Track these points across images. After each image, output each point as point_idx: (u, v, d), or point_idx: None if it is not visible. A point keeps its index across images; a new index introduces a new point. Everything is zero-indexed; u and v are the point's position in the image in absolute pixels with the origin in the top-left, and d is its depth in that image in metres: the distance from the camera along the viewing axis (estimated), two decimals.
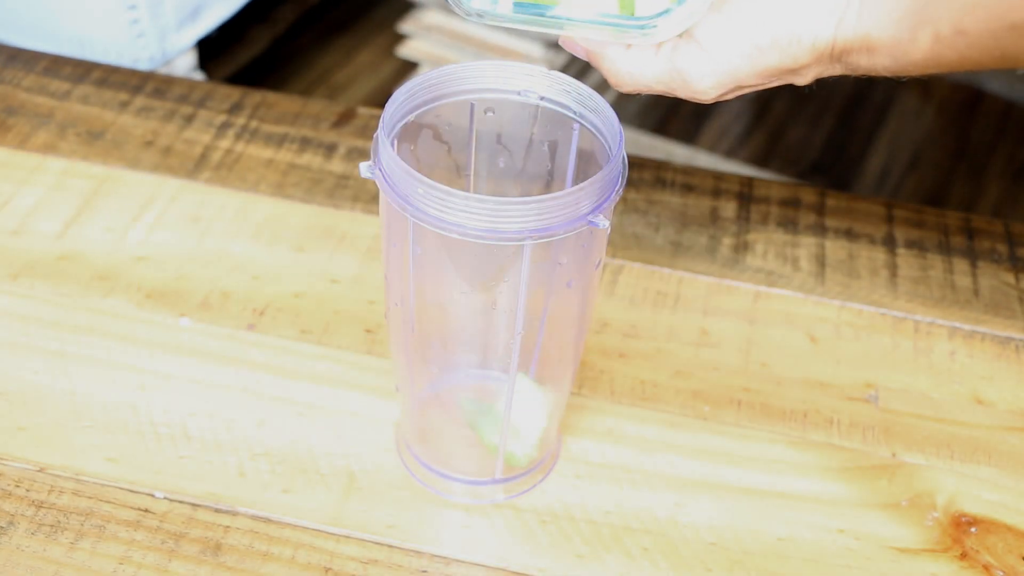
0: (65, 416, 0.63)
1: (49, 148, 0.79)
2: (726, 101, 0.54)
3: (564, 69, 1.36)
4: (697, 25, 0.52)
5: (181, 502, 0.60)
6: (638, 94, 0.54)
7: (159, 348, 0.67)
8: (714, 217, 0.78)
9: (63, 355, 0.66)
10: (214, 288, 0.71)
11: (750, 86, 0.54)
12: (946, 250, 0.77)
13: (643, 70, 0.53)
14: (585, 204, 0.50)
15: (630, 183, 0.80)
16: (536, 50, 1.40)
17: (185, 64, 1.10)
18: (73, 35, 1.02)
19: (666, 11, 0.52)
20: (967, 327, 0.72)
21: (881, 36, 0.50)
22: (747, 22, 0.52)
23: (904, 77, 0.52)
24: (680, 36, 0.53)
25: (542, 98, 0.55)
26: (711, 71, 0.52)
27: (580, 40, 0.54)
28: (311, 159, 0.80)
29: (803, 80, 0.54)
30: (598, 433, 0.64)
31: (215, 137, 0.81)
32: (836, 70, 0.53)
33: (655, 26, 0.52)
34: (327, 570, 0.57)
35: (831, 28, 0.51)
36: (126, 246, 0.73)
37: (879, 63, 0.51)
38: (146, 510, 0.59)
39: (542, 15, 0.53)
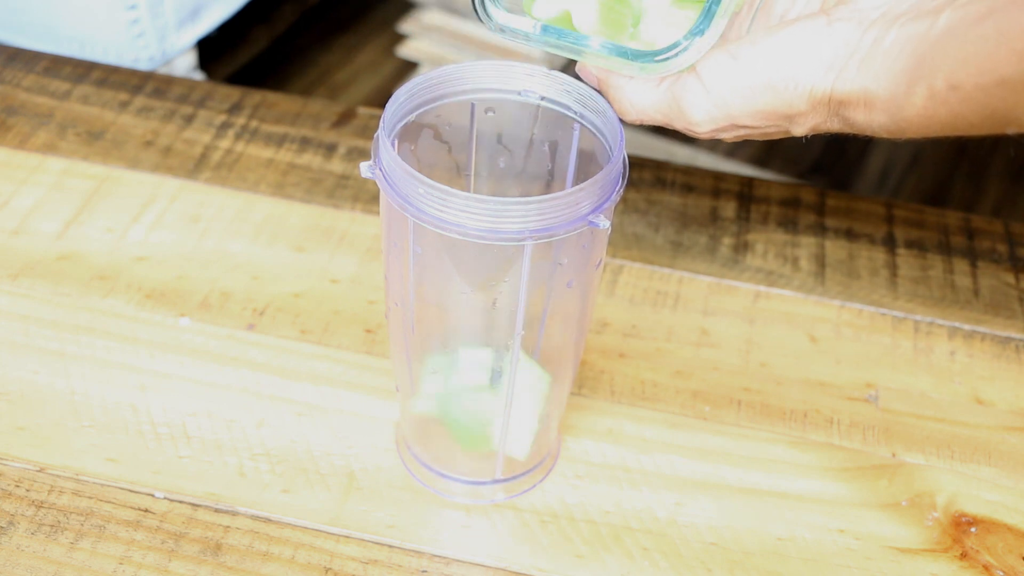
0: (65, 416, 0.63)
1: (49, 148, 0.79)
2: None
3: (564, 70, 1.36)
4: (700, 59, 0.53)
5: (181, 502, 0.60)
6: (641, 124, 0.55)
7: (159, 348, 0.67)
8: (714, 217, 0.78)
9: (63, 355, 0.66)
10: (214, 288, 0.71)
11: (745, 127, 0.54)
12: (946, 250, 0.77)
13: (643, 98, 0.55)
14: (585, 204, 0.50)
15: (630, 183, 0.80)
16: (537, 50, 1.40)
17: (185, 64, 1.10)
18: (73, 35, 1.02)
19: (677, 44, 0.53)
20: (967, 327, 0.72)
21: (878, 91, 0.51)
22: (749, 62, 0.53)
23: (902, 139, 0.52)
24: (684, 70, 0.54)
25: (543, 98, 0.55)
26: (707, 104, 0.53)
27: (593, 68, 0.55)
28: (311, 159, 0.80)
29: (800, 130, 0.54)
30: (598, 433, 0.64)
31: (215, 137, 0.81)
32: (834, 124, 0.54)
33: (666, 58, 0.53)
34: (327, 570, 0.57)
35: (830, 79, 0.52)
36: (126, 246, 0.73)
37: (876, 120, 0.52)
38: (146, 510, 0.59)
39: (564, 39, 0.54)
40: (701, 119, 0.54)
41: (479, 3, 0.55)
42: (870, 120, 0.52)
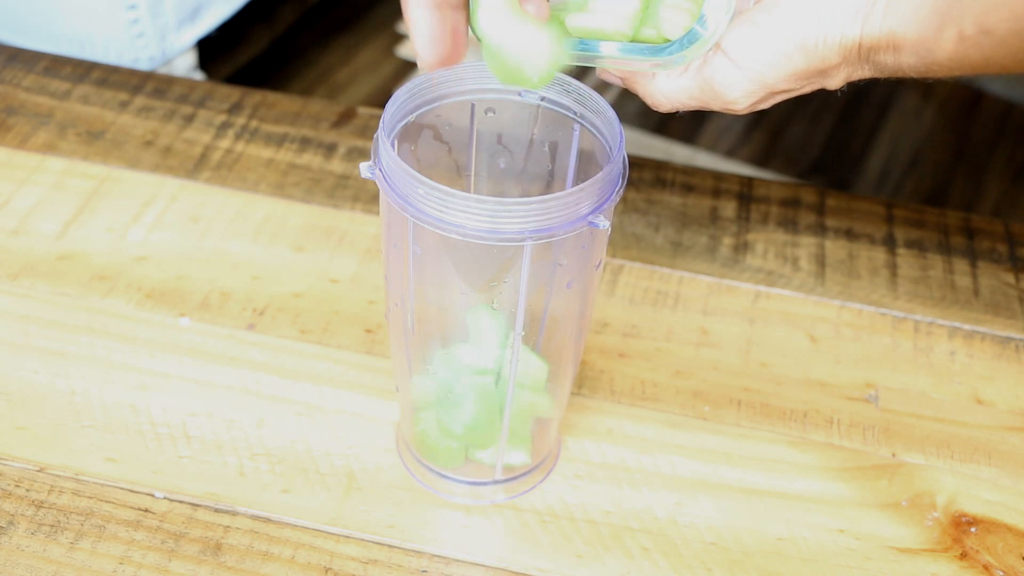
0: (65, 416, 0.63)
1: (49, 148, 0.79)
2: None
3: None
4: (723, 36, 0.52)
5: (181, 502, 0.60)
6: (676, 111, 0.55)
7: (159, 348, 0.67)
8: (714, 217, 0.78)
9: (63, 355, 0.66)
10: (214, 288, 0.71)
11: (782, 91, 0.53)
12: (946, 250, 0.77)
13: (674, 87, 0.54)
14: (585, 205, 0.50)
15: (630, 183, 0.80)
16: None
17: (185, 64, 1.10)
18: (73, 35, 1.02)
19: (692, 34, 0.52)
20: (967, 327, 0.72)
21: (906, 34, 0.50)
22: (773, 28, 0.51)
23: (932, 79, 0.52)
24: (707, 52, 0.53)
25: (543, 98, 0.55)
26: (741, 80, 0.52)
27: (613, 68, 0.55)
28: (311, 159, 0.80)
29: (834, 83, 0.53)
30: (598, 433, 0.64)
31: (215, 137, 0.81)
32: (865, 71, 0.53)
33: (674, 52, 0.52)
34: (327, 570, 0.57)
35: (858, 26, 0.51)
36: (126, 246, 0.73)
37: (905, 62, 0.51)
38: (146, 510, 0.59)
39: (578, 49, 0.53)
40: (738, 96, 0.53)
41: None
42: (899, 62, 0.51)
